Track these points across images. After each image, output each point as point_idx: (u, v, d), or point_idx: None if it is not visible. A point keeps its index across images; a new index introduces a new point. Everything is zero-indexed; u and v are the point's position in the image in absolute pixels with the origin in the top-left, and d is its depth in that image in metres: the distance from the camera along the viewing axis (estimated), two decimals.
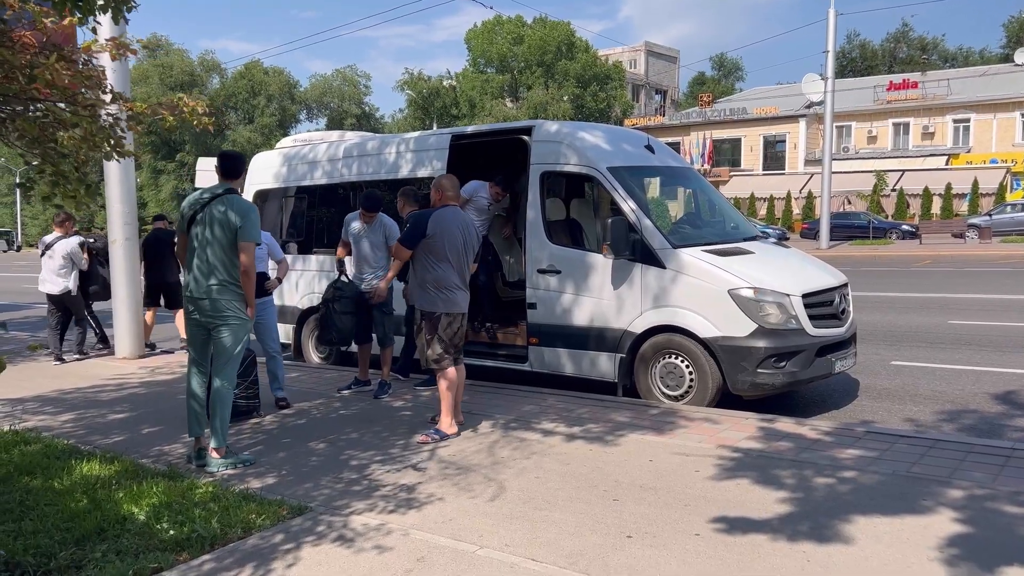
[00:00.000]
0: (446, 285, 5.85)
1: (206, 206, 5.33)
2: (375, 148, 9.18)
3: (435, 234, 5.78)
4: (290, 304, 9.81)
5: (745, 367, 6.56)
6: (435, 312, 5.85)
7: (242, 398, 6.68)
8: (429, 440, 5.88)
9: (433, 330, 5.86)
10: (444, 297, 5.86)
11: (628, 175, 7.47)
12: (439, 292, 5.86)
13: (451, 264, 5.86)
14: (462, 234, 5.91)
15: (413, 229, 5.91)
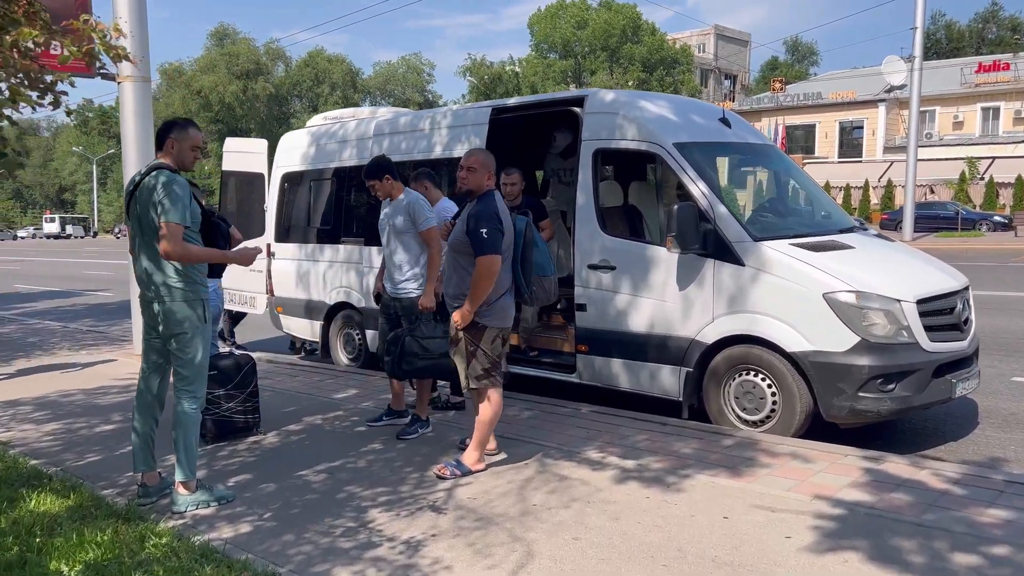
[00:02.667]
0: (498, 291, 4.68)
1: (137, 187, 4.33)
2: (408, 125, 8.11)
3: (505, 224, 4.66)
4: (317, 299, 8.86)
5: (843, 389, 5.29)
6: (481, 323, 4.69)
7: (239, 413, 5.72)
8: (448, 474, 4.79)
9: (476, 343, 4.71)
10: (496, 306, 4.69)
11: (699, 153, 6.23)
12: (491, 302, 4.66)
13: (509, 262, 4.74)
14: (512, 226, 4.81)
15: (493, 227, 4.53)
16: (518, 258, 4.71)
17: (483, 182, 4.71)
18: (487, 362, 4.72)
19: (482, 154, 4.87)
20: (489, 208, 4.59)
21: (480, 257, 4.51)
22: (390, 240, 5.78)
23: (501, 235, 4.53)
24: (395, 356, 5.49)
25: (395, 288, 5.83)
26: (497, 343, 4.74)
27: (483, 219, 4.54)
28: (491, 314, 4.67)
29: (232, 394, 5.67)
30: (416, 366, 5.47)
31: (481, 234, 4.50)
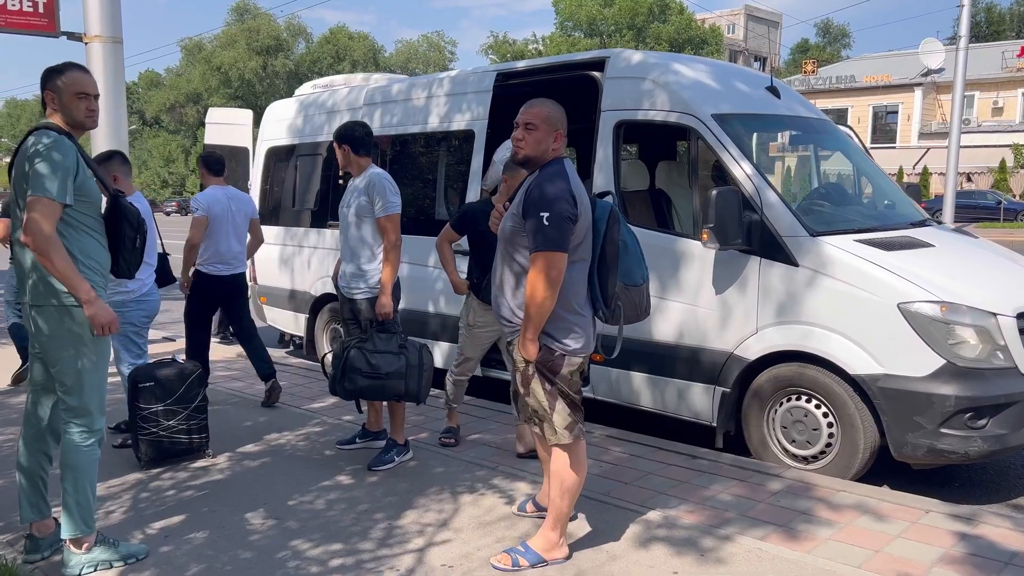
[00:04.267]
0: (578, 304, 3.33)
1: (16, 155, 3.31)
2: (401, 93, 7.07)
3: (581, 208, 3.25)
4: (302, 289, 7.88)
5: (921, 424, 4.23)
6: (556, 349, 3.32)
7: (182, 432, 4.74)
8: (510, 565, 3.41)
9: (552, 380, 3.33)
10: (573, 324, 3.31)
11: (743, 126, 5.16)
12: (566, 318, 3.30)
13: (587, 261, 3.35)
14: (590, 210, 3.37)
15: (561, 211, 3.15)
16: (595, 258, 3.33)
17: (547, 146, 3.31)
18: (568, 403, 3.34)
19: (546, 106, 3.35)
20: (556, 183, 3.19)
21: (536, 253, 3.14)
22: (349, 223, 4.77)
23: (571, 223, 3.15)
24: (337, 370, 4.50)
25: (348, 286, 4.82)
26: (576, 377, 3.38)
27: (546, 199, 3.15)
28: (568, 334, 3.28)
29: (173, 410, 4.70)
30: (358, 386, 4.48)
31: (541, 220, 3.13)
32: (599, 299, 3.37)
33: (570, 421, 3.35)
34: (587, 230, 3.28)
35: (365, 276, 4.70)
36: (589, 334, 3.38)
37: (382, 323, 4.65)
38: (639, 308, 3.47)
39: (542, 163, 3.35)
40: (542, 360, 3.30)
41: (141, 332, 5.20)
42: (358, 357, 4.50)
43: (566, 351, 3.30)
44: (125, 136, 8.46)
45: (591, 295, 3.37)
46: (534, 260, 3.20)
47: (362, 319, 4.75)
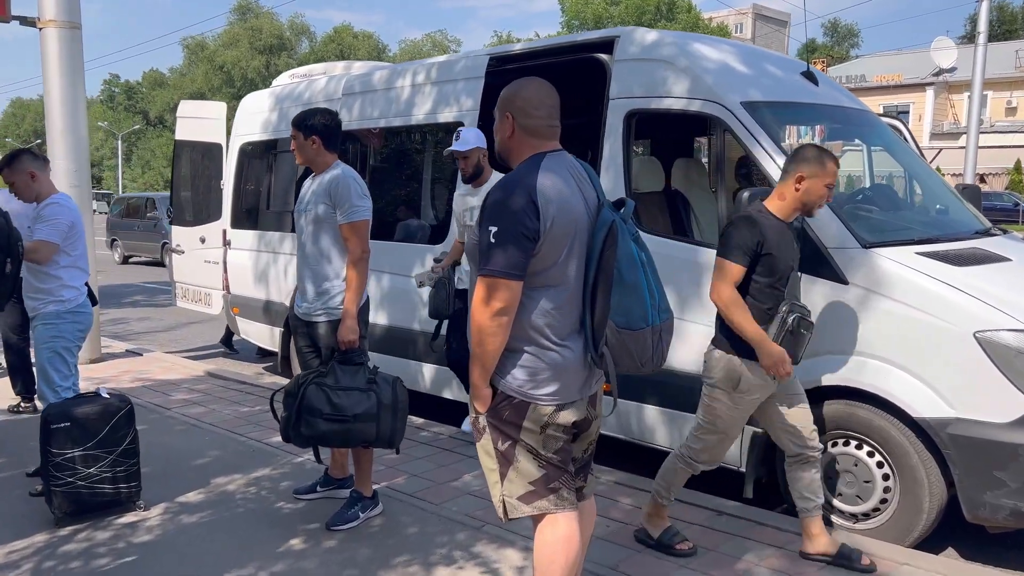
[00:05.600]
0: (554, 336, 2.50)
1: None
2: (383, 82, 6.27)
3: (550, 223, 2.41)
4: (276, 300, 7.11)
5: (1004, 481, 3.43)
6: (515, 399, 2.51)
7: (107, 481, 3.96)
8: None
9: (509, 435, 2.53)
10: (542, 362, 2.49)
11: (777, 116, 4.36)
12: (531, 353, 2.50)
13: (566, 286, 2.50)
14: (586, 209, 2.53)
15: (513, 224, 2.38)
16: (590, 283, 2.50)
17: (502, 135, 2.59)
18: (533, 467, 2.52)
19: (529, 87, 2.57)
20: (515, 187, 2.41)
21: (479, 277, 2.42)
22: (306, 231, 3.98)
23: (528, 242, 2.37)
24: (291, 411, 3.70)
25: (306, 306, 4.01)
26: (552, 434, 2.51)
27: (496, 208, 2.42)
28: (532, 374, 2.48)
29: (95, 455, 3.91)
30: (319, 431, 3.68)
31: (488, 235, 2.40)
32: (588, 336, 2.52)
33: (523, 492, 2.51)
34: (567, 248, 2.45)
35: (326, 296, 3.91)
36: (571, 377, 2.50)
37: (346, 353, 3.85)
38: (638, 358, 2.53)
39: (518, 157, 2.57)
40: (494, 408, 2.51)
41: (73, 350, 4.45)
42: (317, 395, 3.70)
43: (529, 397, 2.47)
44: (84, 130, 7.71)
45: (583, 329, 2.55)
46: (478, 285, 2.42)
47: (322, 348, 3.96)
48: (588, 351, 2.52)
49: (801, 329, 3.35)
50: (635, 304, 2.48)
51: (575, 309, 2.50)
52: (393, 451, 3.89)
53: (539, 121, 2.53)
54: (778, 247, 3.33)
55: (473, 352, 2.45)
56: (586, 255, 2.49)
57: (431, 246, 5.76)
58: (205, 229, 8.19)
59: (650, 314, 2.51)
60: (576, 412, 2.53)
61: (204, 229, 8.20)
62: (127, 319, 11.52)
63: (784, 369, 3.30)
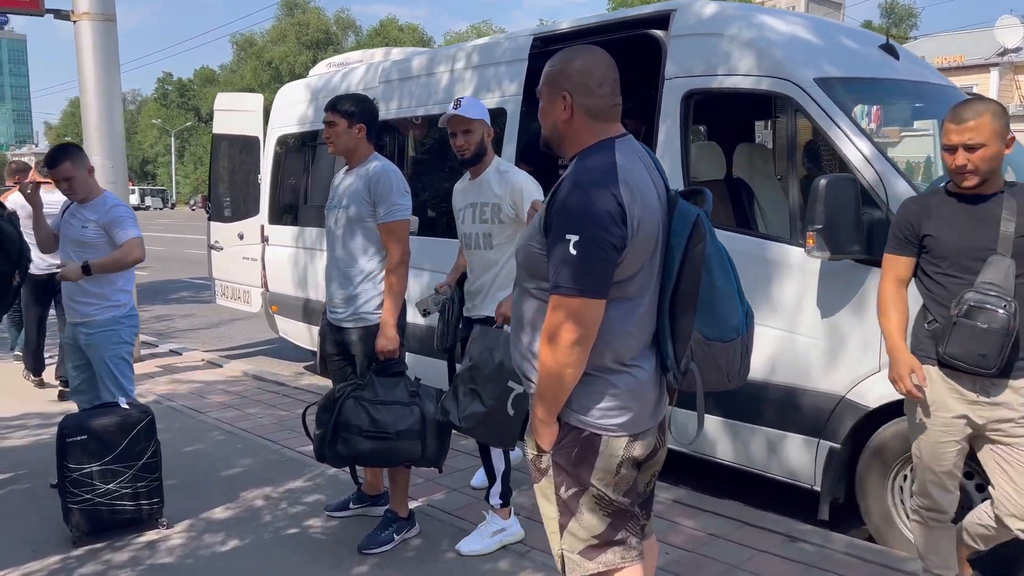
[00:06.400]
0: (627, 356, 2.09)
1: None
2: (422, 68, 5.93)
3: (636, 226, 1.99)
4: (315, 299, 6.84)
5: None
6: (584, 432, 2.10)
7: (127, 498, 3.70)
8: None
9: (578, 478, 2.11)
10: (615, 386, 2.08)
11: (856, 94, 3.91)
12: (604, 377, 2.08)
13: (642, 297, 2.09)
14: (660, 204, 2.11)
15: (597, 231, 1.95)
16: (668, 291, 2.09)
17: (555, 118, 2.15)
18: (598, 520, 2.12)
19: (587, 57, 2.14)
20: (597, 184, 1.98)
21: (556, 296, 1.99)
22: (338, 229, 3.64)
23: (615, 252, 1.96)
24: (326, 428, 3.38)
25: (337, 311, 3.68)
26: (625, 472, 2.11)
27: (578, 211, 1.97)
28: (606, 401, 2.07)
29: (114, 470, 3.66)
30: (358, 449, 3.36)
31: (567, 246, 1.96)
32: (668, 352, 2.14)
33: (593, 543, 2.12)
34: (649, 253, 2.06)
35: (356, 301, 3.58)
36: (644, 402, 2.11)
37: (384, 363, 3.52)
38: (727, 372, 2.19)
39: (577, 145, 2.15)
40: (563, 448, 2.11)
41: (132, 353, 4.23)
42: (355, 411, 3.37)
43: (600, 429, 2.08)
44: (120, 125, 7.55)
45: (658, 344, 2.17)
46: (551, 305, 2.02)
47: (356, 356, 3.63)
48: (666, 369, 2.15)
49: (975, 320, 2.65)
50: (728, 312, 2.11)
51: (650, 322, 2.12)
52: (438, 471, 3.57)
53: (603, 100, 2.13)
54: (944, 227, 2.79)
55: (541, 385, 2.07)
56: (663, 258, 2.10)
57: None
58: (243, 225, 7.97)
59: (742, 321, 2.14)
60: (648, 442, 2.15)
61: (242, 225, 7.98)
62: (171, 316, 11.45)
63: (903, 384, 2.85)
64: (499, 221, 3.49)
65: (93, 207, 4.10)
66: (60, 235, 4.19)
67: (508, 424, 3.04)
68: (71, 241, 4.08)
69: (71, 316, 4.14)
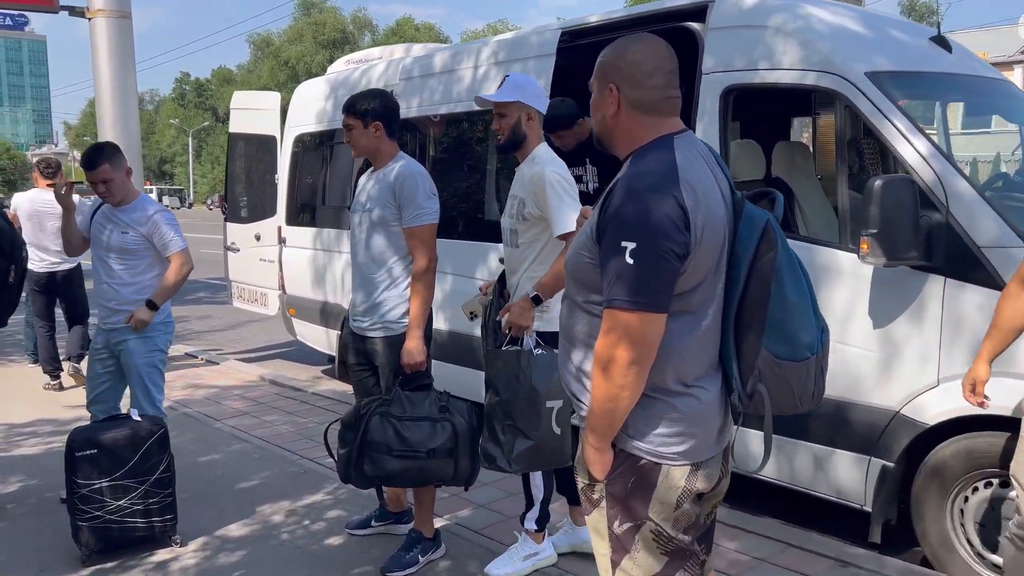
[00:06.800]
0: (688, 376, 1.88)
1: None
2: (445, 64, 5.73)
3: (700, 232, 1.78)
4: (333, 301, 6.67)
5: None
6: (643, 460, 1.88)
7: (138, 515, 3.52)
8: None
9: (633, 515, 1.90)
10: (676, 409, 1.87)
11: (910, 89, 3.68)
12: (662, 399, 1.87)
13: (706, 310, 1.88)
14: (726, 207, 1.90)
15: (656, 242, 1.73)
16: (733, 305, 1.89)
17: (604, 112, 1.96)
18: (654, 559, 1.92)
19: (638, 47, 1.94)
20: (655, 188, 1.78)
21: (610, 310, 1.79)
22: (360, 233, 3.45)
23: (677, 261, 1.76)
24: (351, 447, 3.19)
25: (360, 319, 3.48)
26: (687, 507, 1.90)
27: (635, 216, 1.77)
28: (665, 425, 1.87)
29: (125, 485, 3.48)
30: (387, 470, 3.16)
31: (623, 254, 1.77)
32: (733, 371, 1.93)
33: None
34: (714, 262, 1.85)
35: (379, 308, 3.39)
36: (708, 427, 1.91)
37: (411, 376, 3.33)
38: (798, 395, 1.93)
39: (628, 142, 1.95)
40: (617, 478, 1.91)
41: (164, 360, 4.07)
42: (383, 428, 3.17)
43: (660, 457, 1.88)
44: (135, 123, 7.42)
45: (722, 363, 1.96)
46: (606, 322, 1.81)
47: (380, 368, 3.43)
48: (730, 390, 1.94)
49: None
50: (801, 328, 1.89)
51: (715, 339, 1.92)
52: (466, 490, 3.37)
53: (654, 92, 1.92)
54: None
55: (594, 409, 1.87)
56: (728, 267, 1.90)
57: (496, 244, 5.22)
58: (260, 226, 7.82)
59: (816, 338, 1.92)
60: (712, 472, 1.94)
61: (259, 226, 7.83)
62: (188, 318, 11.32)
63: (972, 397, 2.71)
64: (523, 218, 3.20)
65: (132, 212, 3.92)
66: (92, 239, 4.00)
67: (560, 443, 2.86)
68: (112, 248, 3.89)
69: (104, 322, 3.97)
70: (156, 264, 3.96)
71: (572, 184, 3.16)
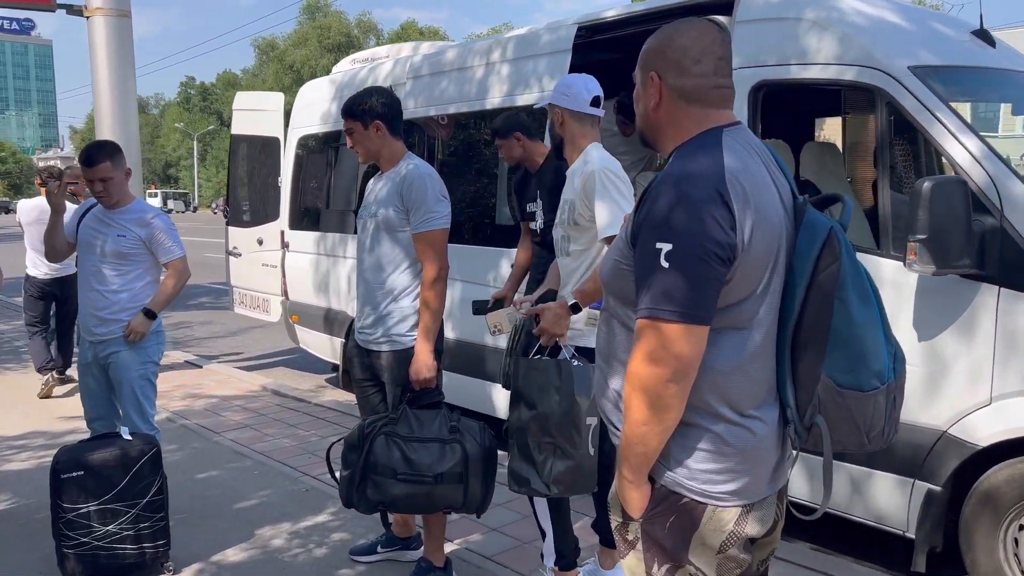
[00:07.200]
0: (741, 402, 1.63)
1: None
2: (454, 62, 5.50)
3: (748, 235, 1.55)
4: (337, 308, 6.44)
5: None
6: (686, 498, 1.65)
7: (128, 541, 3.28)
8: None
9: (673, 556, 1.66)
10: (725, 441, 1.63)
11: (957, 85, 3.43)
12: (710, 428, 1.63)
13: (759, 327, 1.63)
14: (784, 211, 1.66)
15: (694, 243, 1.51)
16: (790, 323, 1.64)
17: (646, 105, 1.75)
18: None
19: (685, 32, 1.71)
20: (695, 181, 1.56)
21: (645, 321, 1.57)
22: (367, 239, 3.22)
23: (721, 265, 1.53)
24: (354, 469, 2.95)
25: (366, 331, 3.24)
26: (734, 553, 1.66)
27: (671, 215, 1.55)
28: (714, 460, 1.63)
29: (114, 510, 3.25)
30: (391, 495, 2.92)
31: (657, 256, 1.55)
32: (788, 399, 1.68)
33: None
34: (767, 272, 1.62)
35: (387, 320, 3.15)
36: (762, 464, 1.67)
37: (419, 393, 3.09)
38: (865, 430, 1.69)
39: (673, 136, 1.73)
40: (655, 517, 1.67)
41: (157, 373, 3.86)
42: (388, 450, 2.93)
43: (706, 496, 1.64)
44: (134, 124, 7.20)
45: (778, 389, 1.71)
46: (639, 334, 1.59)
47: (387, 384, 3.19)
48: (785, 421, 1.70)
49: None
50: (869, 353, 1.65)
51: (770, 361, 1.67)
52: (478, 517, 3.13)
53: (702, 80, 1.70)
54: None
55: (627, 436, 1.63)
56: (785, 279, 1.66)
57: (507, 250, 4.99)
58: (263, 230, 7.59)
59: (887, 367, 1.66)
60: (765, 515, 1.70)
61: (262, 230, 7.60)
62: (190, 323, 11.11)
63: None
64: (574, 223, 2.94)
65: (128, 215, 3.71)
66: (80, 243, 3.78)
67: (591, 465, 2.62)
68: (107, 253, 3.66)
69: (91, 333, 3.73)
70: (150, 271, 3.76)
71: (626, 183, 2.91)
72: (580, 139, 3.01)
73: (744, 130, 1.76)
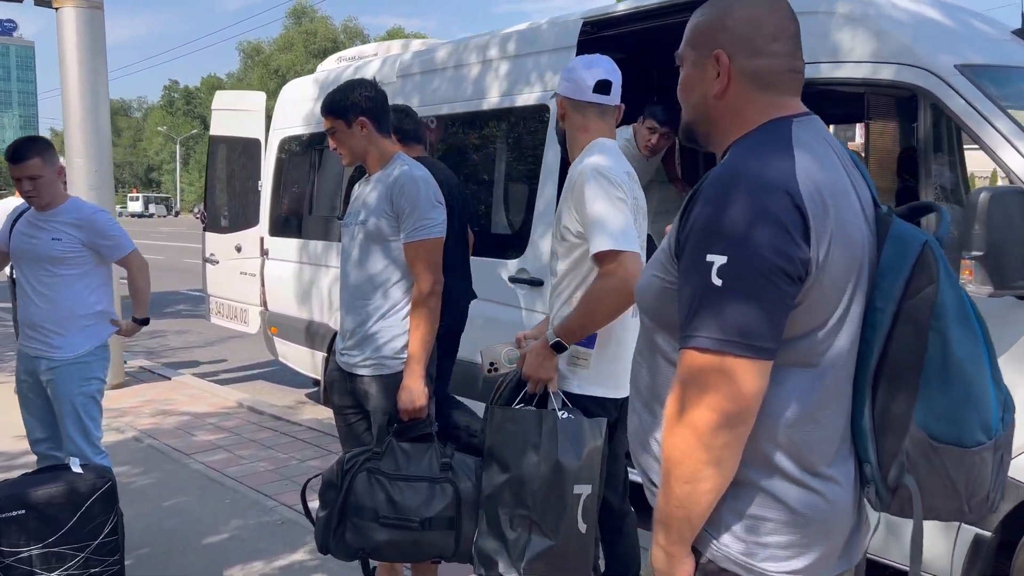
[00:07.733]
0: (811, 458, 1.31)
1: None
2: (447, 60, 5.15)
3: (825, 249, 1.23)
4: (319, 320, 6.06)
5: None
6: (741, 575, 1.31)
7: None
8: None
9: None
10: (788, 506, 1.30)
11: (1005, 85, 3.11)
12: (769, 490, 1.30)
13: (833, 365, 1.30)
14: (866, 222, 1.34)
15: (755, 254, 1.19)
16: (871, 358, 1.31)
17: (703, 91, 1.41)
18: None
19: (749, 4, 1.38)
20: (751, 181, 1.23)
21: (688, 351, 1.24)
22: (353, 249, 2.87)
23: (789, 285, 1.21)
24: (331, 510, 2.58)
25: (350, 353, 2.87)
26: None
27: (727, 218, 1.21)
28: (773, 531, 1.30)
29: (60, 553, 2.86)
30: (373, 541, 2.54)
31: (708, 272, 1.21)
32: (868, 454, 1.35)
33: None
34: (847, 295, 1.30)
35: (373, 341, 2.79)
36: (837, 536, 1.35)
37: (409, 424, 2.72)
38: (965, 495, 1.33)
39: (735, 129, 1.40)
40: None
41: (103, 391, 3.52)
42: (370, 489, 2.56)
43: (761, 575, 1.31)
44: (106, 124, 6.80)
45: (855, 441, 1.38)
46: (681, 367, 1.27)
47: (371, 412, 2.83)
48: (864, 481, 1.37)
49: None
50: (974, 399, 1.30)
51: (845, 406, 1.34)
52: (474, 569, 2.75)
53: (778, 61, 1.39)
54: None
55: (667, 497, 1.29)
56: (867, 306, 1.32)
57: (505, 261, 4.65)
58: (241, 236, 7.20)
59: (996, 417, 1.32)
60: None
61: (240, 236, 7.21)
62: (165, 332, 10.67)
63: None
64: (560, 236, 2.53)
65: (63, 215, 3.37)
66: (13, 251, 3.43)
67: (584, 548, 2.18)
68: (41, 259, 3.31)
69: (31, 348, 3.36)
70: (93, 274, 3.42)
71: (621, 188, 2.41)
72: (580, 133, 2.59)
73: (817, 122, 1.44)
